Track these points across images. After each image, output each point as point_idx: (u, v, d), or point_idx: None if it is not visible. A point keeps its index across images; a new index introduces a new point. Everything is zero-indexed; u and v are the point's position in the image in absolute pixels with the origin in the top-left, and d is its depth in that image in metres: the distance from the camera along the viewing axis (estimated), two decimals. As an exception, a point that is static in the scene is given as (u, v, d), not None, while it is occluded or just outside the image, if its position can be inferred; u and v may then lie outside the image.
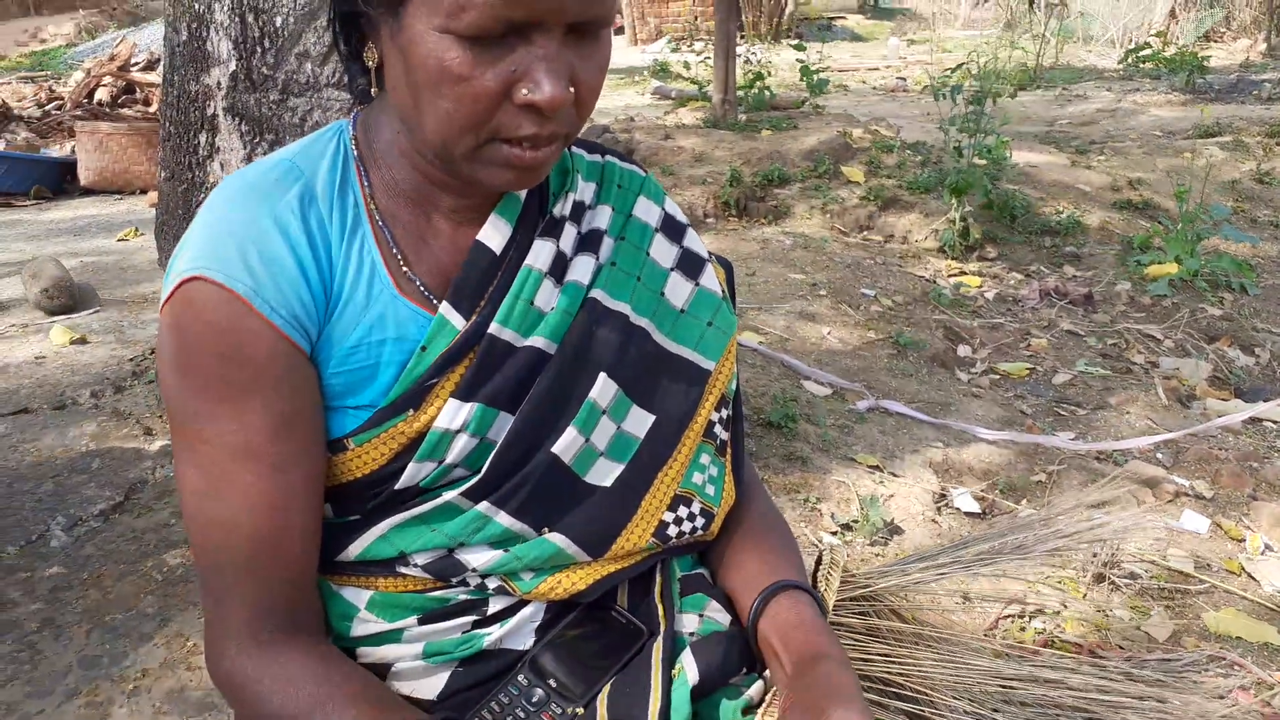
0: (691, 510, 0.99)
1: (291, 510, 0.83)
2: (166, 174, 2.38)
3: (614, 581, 0.97)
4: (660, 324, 0.99)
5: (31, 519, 2.30)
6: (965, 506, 2.57)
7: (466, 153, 0.79)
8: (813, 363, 3.30)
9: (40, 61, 11.99)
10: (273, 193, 0.84)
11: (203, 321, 0.79)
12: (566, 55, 0.76)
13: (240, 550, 0.82)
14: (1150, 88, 9.15)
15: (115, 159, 5.80)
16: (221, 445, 0.81)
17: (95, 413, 2.81)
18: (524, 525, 0.91)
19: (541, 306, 0.91)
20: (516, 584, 0.94)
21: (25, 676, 1.81)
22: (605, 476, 0.95)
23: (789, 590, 0.97)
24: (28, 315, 3.57)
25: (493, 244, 0.90)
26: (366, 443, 0.87)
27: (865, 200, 4.95)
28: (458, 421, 0.87)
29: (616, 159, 1.04)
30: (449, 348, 0.87)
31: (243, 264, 0.80)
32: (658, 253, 1.01)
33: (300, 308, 0.82)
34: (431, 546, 0.91)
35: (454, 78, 0.74)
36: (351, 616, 0.93)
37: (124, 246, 4.58)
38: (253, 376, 0.80)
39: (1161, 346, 3.75)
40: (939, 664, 1.66)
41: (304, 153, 0.89)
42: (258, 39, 2.13)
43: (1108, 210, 5.15)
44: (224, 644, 0.84)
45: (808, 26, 14.29)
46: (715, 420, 1.02)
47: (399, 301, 0.87)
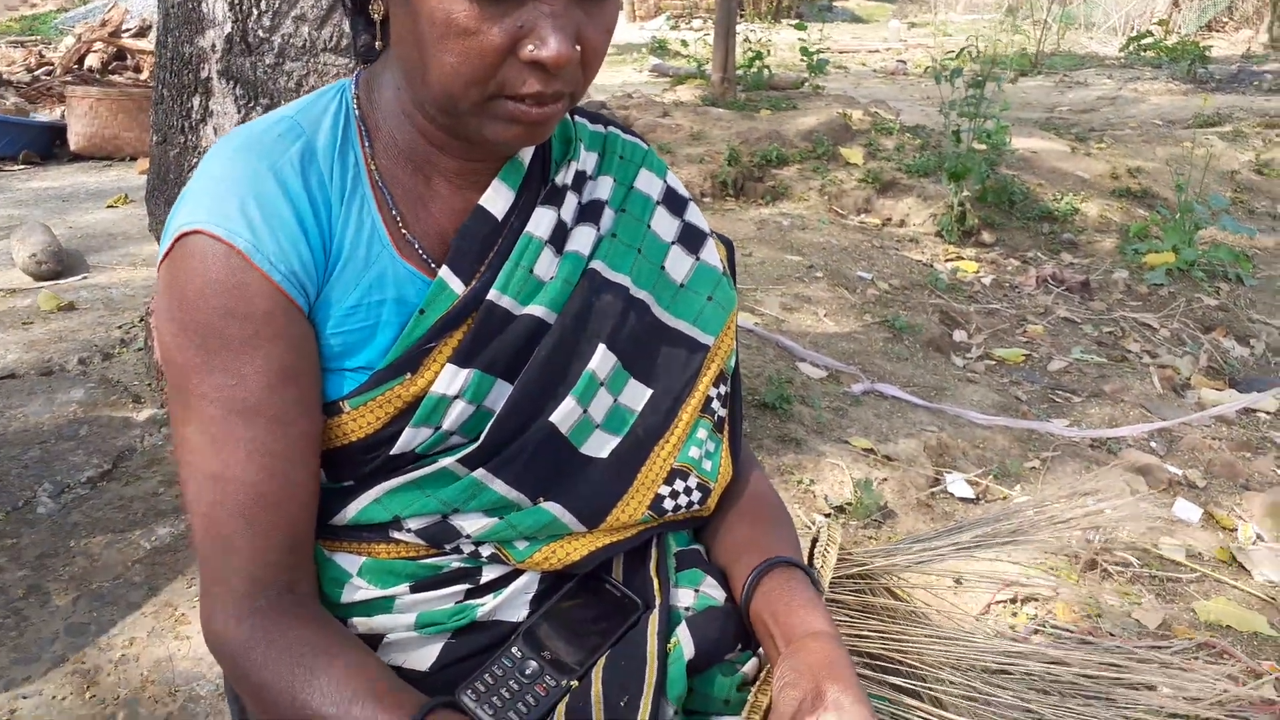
0: (688, 484, 0.99)
1: (290, 465, 0.83)
2: (159, 137, 2.34)
3: (609, 554, 0.97)
4: (660, 297, 0.99)
5: (18, 485, 2.27)
6: (959, 491, 2.56)
7: (471, 107, 0.78)
8: (808, 345, 3.29)
9: (30, 26, 11.84)
10: (273, 149, 0.83)
11: (202, 276, 0.78)
12: (574, 13, 0.75)
13: (238, 507, 0.81)
14: (1151, 76, 9.13)
15: (105, 125, 5.73)
16: (220, 400, 0.80)
17: (83, 379, 2.78)
18: (519, 494, 0.91)
19: (541, 275, 0.90)
20: (510, 552, 0.93)
21: (12, 643, 1.80)
22: (601, 448, 0.95)
23: (782, 566, 0.96)
24: (15, 281, 3.53)
25: (494, 209, 0.89)
26: (363, 405, 0.86)
27: (863, 183, 4.93)
28: (455, 387, 0.86)
29: (619, 130, 1.03)
30: (447, 312, 0.86)
31: (243, 218, 0.79)
32: (659, 226, 1.01)
33: (299, 264, 0.81)
34: (426, 511, 0.90)
35: (460, 31, 0.73)
36: (343, 582, 0.92)
37: (113, 213, 4.53)
38: (252, 331, 0.79)
39: (1157, 335, 3.75)
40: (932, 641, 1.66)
41: (305, 111, 0.88)
42: (254, 1, 2.08)
43: (1106, 198, 5.14)
44: (219, 607, 0.82)
45: (808, 6, 14.20)
46: (713, 396, 1.02)
47: (398, 263, 0.87)
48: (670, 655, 0.91)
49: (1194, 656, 2.02)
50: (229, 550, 0.82)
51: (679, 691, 0.88)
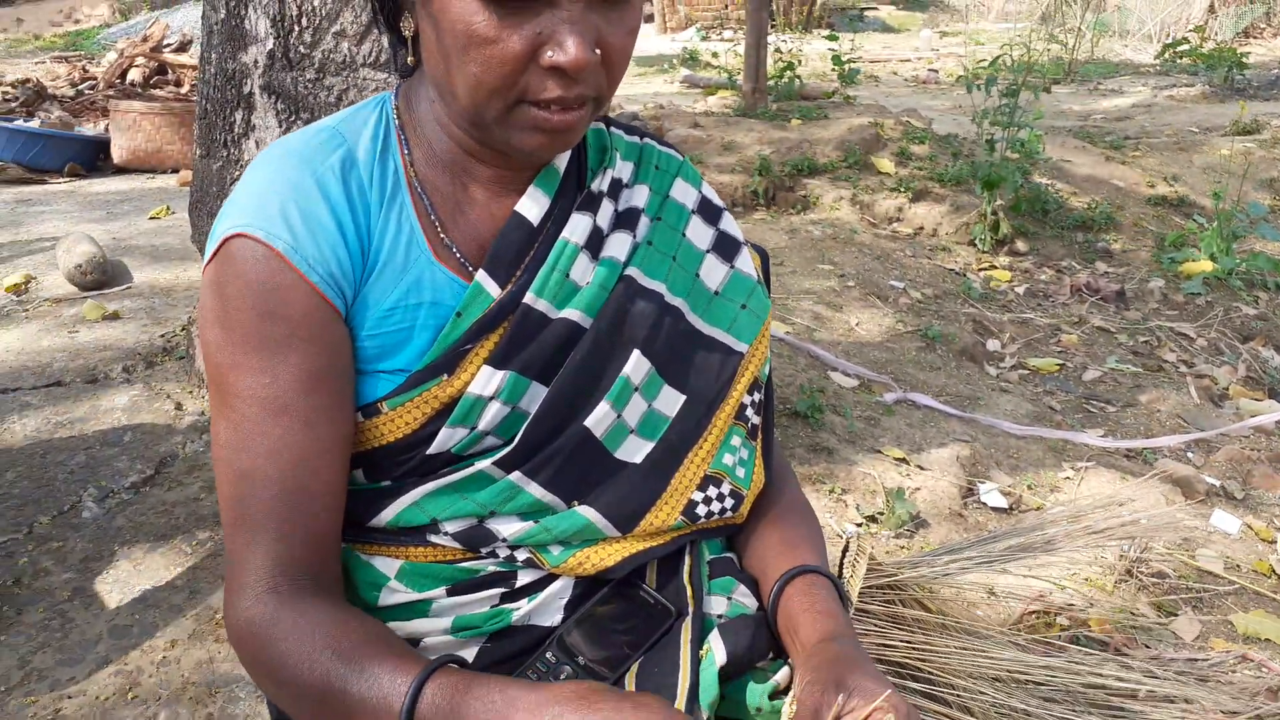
0: (721, 491, 1.00)
1: (318, 466, 0.84)
2: (201, 151, 2.39)
3: (643, 559, 0.97)
4: (694, 305, 1.00)
5: (64, 490, 2.33)
6: (992, 501, 2.55)
7: (497, 116, 0.81)
8: (840, 353, 3.29)
9: (74, 42, 12.10)
10: (315, 156, 0.86)
11: (243, 277, 0.82)
12: (592, 18, 0.77)
13: (265, 502, 0.83)
14: (1187, 83, 9.03)
15: (148, 138, 5.84)
16: (253, 398, 0.82)
17: (126, 387, 2.84)
18: (554, 497, 0.92)
19: (577, 280, 0.92)
20: (545, 557, 0.94)
21: (57, 644, 1.84)
22: (635, 453, 0.96)
23: (806, 575, 0.97)
24: (62, 290, 3.61)
25: (530, 215, 0.91)
26: (400, 406, 0.88)
27: (895, 191, 4.92)
28: (490, 388, 0.88)
29: (655, 142, 1.05)
30: (484, 314, 0.88)
31: (283, 221, 0.82)
32: (694, 234, 1.02)
33: (337, 267, 0.84)
34: (463, 514, 0.92)
35: (481, 40, 0.76)
36: (381, 585, 0.94)
37: (156, 224, 4.62)
38: (288, 332, 0.82)
39: (1194, 345, 3.71)
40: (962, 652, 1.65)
41: (347, 121, 0.91)
42: (295, 17, 2.13)
43: (1142, 206, 5.09)
44: (242, 594, 0.83)
45: (839, 16, 14.19)
46: (747, 403, 1.03)
47: (435, 267, 0.89)
48: (703, 662, 0.92)
49: (1232, 670, 2.00)
50: (254, 543, 0.83)
51: (711, 698, 0.89)
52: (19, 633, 1.86)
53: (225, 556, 0.86)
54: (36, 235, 4.34)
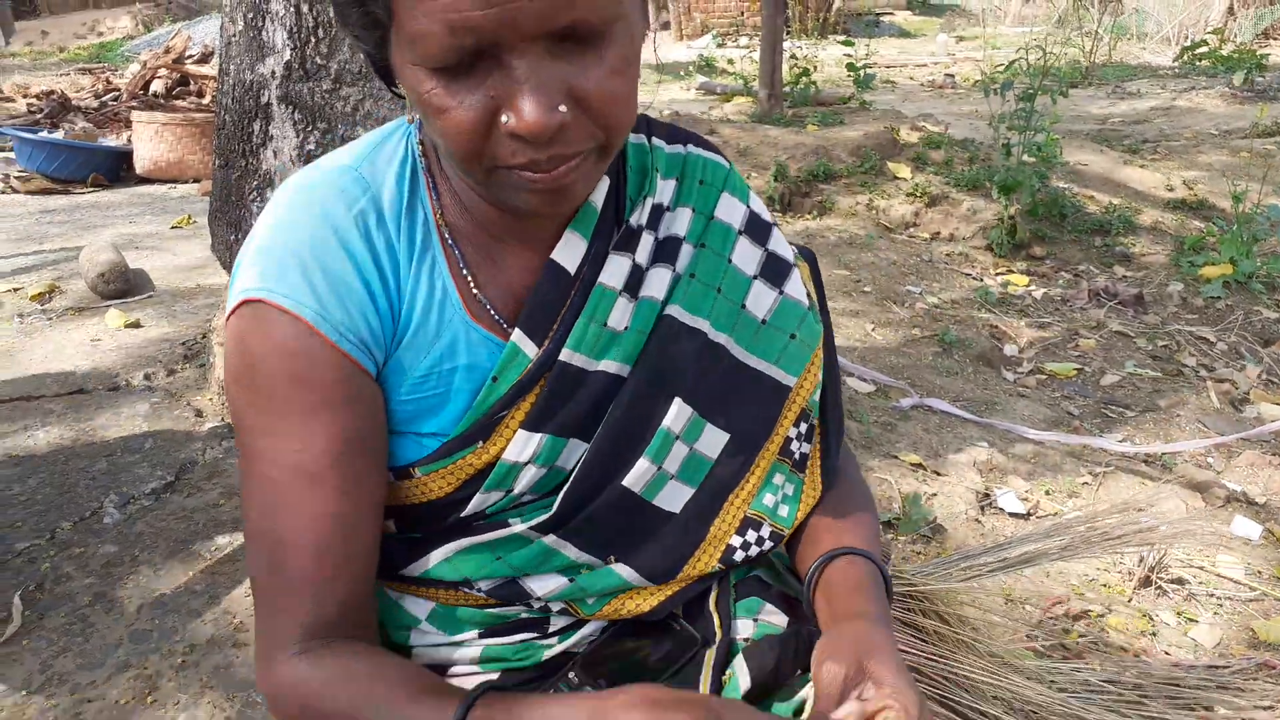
0: (760, 534, 0.96)
1: (354, 531, 0.81)
2: (221, 161, 2.42)
3: (678, 601, 0.95)
4: (740, 338, 0.93)
5: (86, 496, 2.35)
6: (1009, 507, 2.54)
7: (481, 179, 0.74)
8: (856, 359, 3.28)
9: (98, 54, 12.25)
10: (337, 207, 0.80)
11: (268, 343, 0.77)
12: (556, 69, 0.67)
13: (300, 569, 0.79)
14: (1206, 86, 8.96)
15: (170, 149, 5.91)
16: (284, 465, 0.79)
17: (148, 394, 2.87)
18: (591, 557, 0.89)
19: (615, 326, 0.86)
20: (581, 608, 0.93)
21: (77, 649, 1.86)
22: (675, 501, 0.92)
23: (846, 556, 0.93)
24: (85, 299, 3.65)
25: (567, 263, 0.85)
26: (434, 472, 0.85)
27: (911, 197, 4.90)
28: (527, 453, 0.84)
29: (699, 149, 0.97)
30: (521, 377, 0.84)
31: (308, 287, 0.77)
32: (740, 259, 0.94)
33: (367, 331, 0.79)
34: (496, 575, 0.89)
35: (436, 110, 0.69)
36: (411, 627, 0.93)
37: (178, 234, 4.67)
38: (319, 399, 0.78)
39: (1214, 349, 3.68)
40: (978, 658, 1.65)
41: (370, 159, 0.84)
42: (311, 29, 2.16)
43: (1160, 210, 5.06)
44: (275, 654, 0.81)
45: (855, 22, 14.17)
46: (793, 436, 0.97)
47: (471, 327, 0.84)
48: (725, 688, 0.89)
49: (1253, 677, 1.98)
50: (288, 608, 0.80)
51: None
52: (41, 637, 1.88)
53: (256, 617, 0.84)
54: (60, 245, 4.40)
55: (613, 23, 0.68)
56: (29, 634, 1.89)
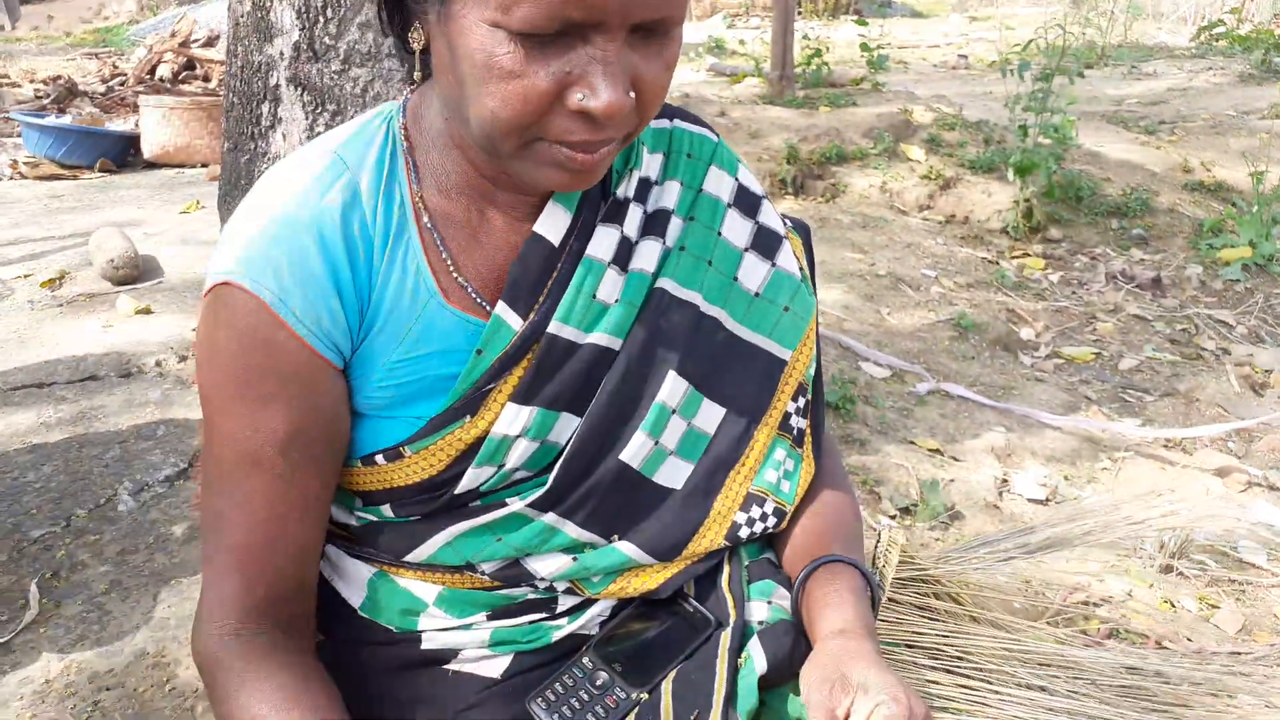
0: (765, 510, 0.96)
1: (289, 521, 0.82)
2: (229, 144, 2.40)
3: (685, 579, 0.95)
4: (733, 310, 0.93)
5: (100, 484, 2.35)
6: (1028, 493, 2.51)
7: (513, 151, 0.74)
8: (871, 344, 3.25)
9: (104, 38, 12.22)
10: (312, 191, 0.80)
11: (231, 326, 0.78)
12: (629, 56, 0.70)
13: (233, 547, 0.81)
14: (1223, 66, 8.86)
15: (178, 133, 5.88)
16: (234, 445, 0.80)
17: (160, 380, 2.86)
18: (592, 535, 0.89)
19: (604, 299, 0.86)
20: (586, 586, 0.92)
21: (94, 636, 1.85)
22: (675, 477, 0.92)
23: (827, 565, 0.93)
24: (95, 285, 3.64)
25: (551, 235, 0.85)
26: (423, 449, 0.84)
27: (926, 179, 4.86)
28: (516, 427, 0.84)
29: (685, 122, 0.97)
30: (506, 349, 0.83)
31: (271, 270, 0.77)
32: (730, 231, 0.95)
33: (330, 320, 0.79)
34: (498, 556, 0.89)
35: (503, 73, 0.68)
36: (418, 612, 0.92)
37: (186, 218, 4.65)
38: (274, 387, 0.78)
39: (1234, 332, 3.64)
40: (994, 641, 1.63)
41: (351, 142, 0.84)
42: (320, 9, 2.13)
43: (1178, 192, 5.00)
44: (210, 625, 0.83)
45: (867, 3, 14.05)
46: (792, 411, 0.97)
47: (446, 311, 0.83)
48: (741, 669, 0.89)
49: (1276, 664, 1.96)
50: (222, 580, 0.82)
51: (749, 705, 0.86)
52: (58, 625, 1.88)
53: (202, 579, 0.86)
54: (69, 231, 4.38)
55: (679, 24, 0.73)
56: (46, 622, 1.88)
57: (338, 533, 0.95)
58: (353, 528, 0.93)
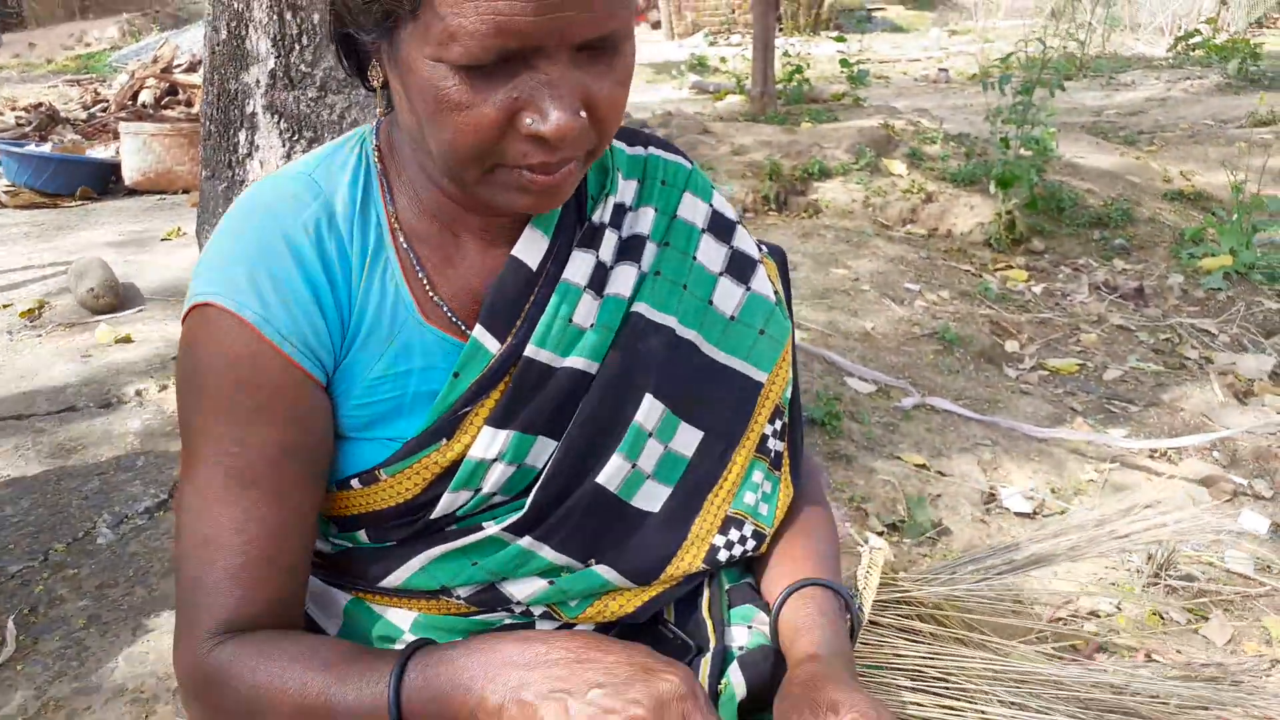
0: (743, 533, 0.96)
1: (285, 536, 0.81)
2: (208, 172, 2.39)
3: (663, 603, 0.95)
4: (708, 334, 0.94)
5: (79, 516, 2.32)
6: (1015, 506, 2.51)
7: (475, 179, 0.75)
8: (856, 359, 3.25)
9: (86, 65, 12.20)
10: (289, 212, 0.81)
11: (214, 346, 0.78)
12: (576, 76, 0.70)
13: (226, 571, 0.79)
14: (1200, 76, 8.95)
15: (159, 160, 5.87)
16: (221, 467, 0.79)
17: (139, 411, 2.84)
18: (570, 558, 0.89)
19: (580, 323, 0.86)
20: (563, 610, 0.92)
21: (73, 673, 1.83)
22: (653, 500, 0.92)
23: (802, 589, 0.93)
24: (74, 314, 3.62)
25: (528, 259, 0.85)
26: (399, 473, 0.84)
27: (908, 193, 4.88)
28: (493, 450, 0.84)
29: (659, 150, 0.98)
30: (483, 373, 0.83)
31: (253, 290, 0.77)
32: (705, 256, 0.95)
33: (314, 337, 0.80)
34: (473, 581, 0.88)
35: (452, 105, 0.69)
36: (395, 639, 0.91)
37: (167, 246, 4.63)
38: (260, 404, 0.78)
39: (1217, 341, 3.65)
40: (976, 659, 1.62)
41: (324, 165, 0.85)
42: (295, 36, 2.12)
43: (1158, 201, 5.03)
44: (195, 648, 0.79)
45: (847, 18, 14.15)
46: (769, 433, 0.98)
47: (425, 330, 0.84)
48: (721, 695, 0.88)
49: (1266, 674, 1.96)
50: (210, 605, 0.79)
51: None
52: (36, 661, 1.85)
53: (177, 609, 0.82)
54: (49, 260, 4.36)
55: (627, 38, 0.73)
56: (24, 659, 1.86)
57: (313, 560, 0.94)
58: (328, 554, 0.93)
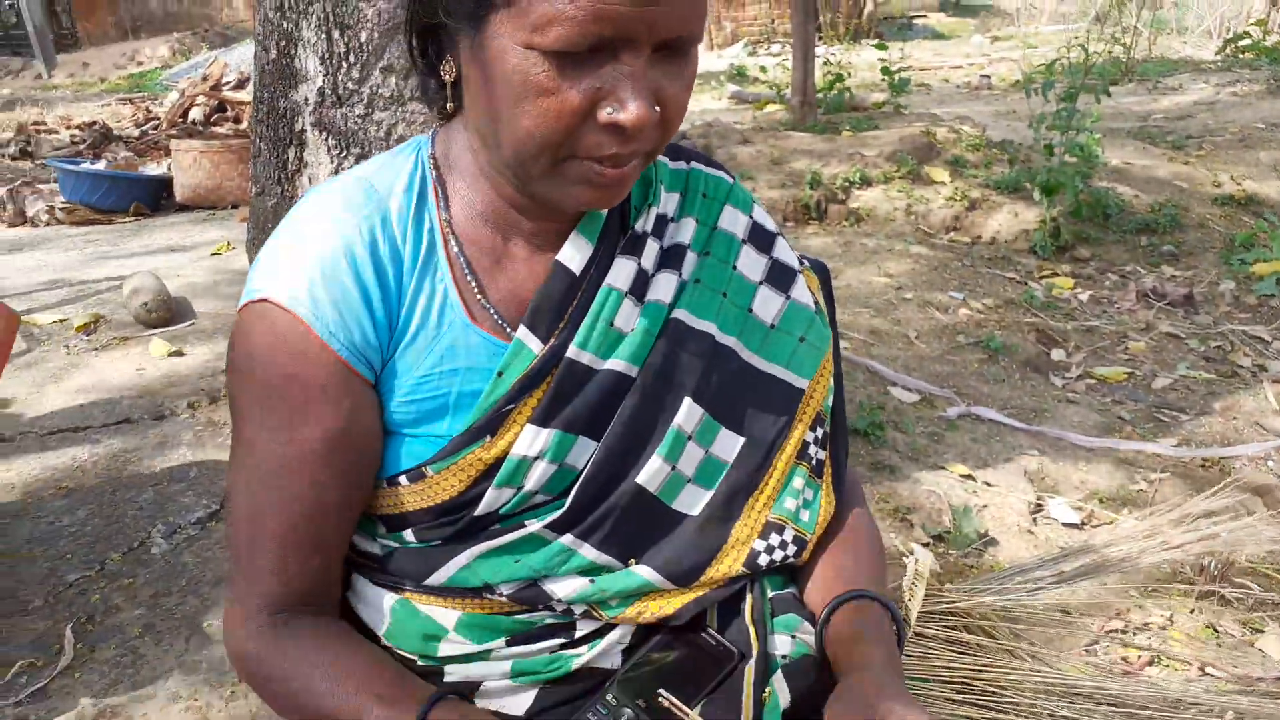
0: (784, 538, 0.96)
1: (326, 520, 0.86)
2: (257, 189, 2.43)
3: (703, 605, 0.95)
4: (748, 341, 0.96)
5: (133, 527, 2.37)
6: (1063, 517, 2.48)
7: (544, 170, 0.78)
8: (899, 368, 3.23)
9: (137, 83, 12.49)
10: (345, 214, 0.84)
11: (267, 339, 0.82)
12: (653, 73, 0.74)
13: (271, 548, 0.85)
14: (1250, 79, 8.77)
15: (209, 176, 5.98)
16: (270, 455, 0.84)
17: (191, 423, 2.90)
18: (609, 558, 0.90)
19: (622, 327, 0.89)
20: (604, 610, 0.93)
21: (129, 680, 1.87)
22: (693, 504, 0.93)
23: (851, 602, 0.94)
24: (128, 328, 3.70)
25: (573, 264, 0.88)
26: (444, 470, 0.86)
27: (951, 200, 4.84)
28: (535, 448, 0.86)
29: (701, 164, 1.01)
30: (526, 372, 0.86)
31: (307, 290, 0.81)
32: (745, 266, 0.98)
33: (361, 336, 0.83)
34: (516, 578, 0.90)
35: (539, 91, 0.73)
36: (440, 638, 0.93)
37: (217, 260, 4.72)
38: (309, 398, 0.82)
39: (1270, 348, 3.58)
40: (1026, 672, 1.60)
41: (381, 172, 0.88)
42: (343, 54, 2.16)
43: (1208, 207, 4.94)
44: (244, 624, 0.87)
45: (887, 26, 14.07)
46: (810, 440, 0.99)
47: (471, 330, 0.87)
48: (766, 705, 0.89)
49: (1325, 689, 1.91)
50: (258, 580, 0.86)
51: None
52: (93, 669, 1.89)
53: (228, 584, 0.90)
54: (104, 275, 4.46)
55: (697, 43, 0.77)
56: (81, 667, 1.90)
57: (361, 561, 0.97)
58: (376, 556, 0.95)
